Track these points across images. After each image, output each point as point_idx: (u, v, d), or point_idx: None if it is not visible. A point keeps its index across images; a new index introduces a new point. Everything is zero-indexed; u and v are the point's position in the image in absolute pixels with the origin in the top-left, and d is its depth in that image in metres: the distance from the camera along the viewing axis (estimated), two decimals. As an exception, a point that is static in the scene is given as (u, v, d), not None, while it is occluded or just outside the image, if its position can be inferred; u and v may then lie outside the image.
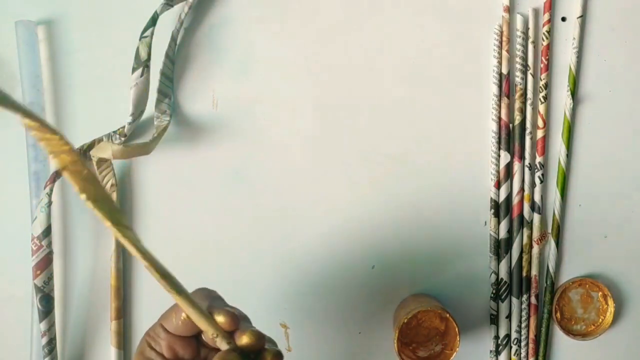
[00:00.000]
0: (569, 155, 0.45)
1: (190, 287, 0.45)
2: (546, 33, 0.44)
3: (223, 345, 0.28)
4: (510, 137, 0.45)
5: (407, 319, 0.39)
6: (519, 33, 0.44)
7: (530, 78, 0.44)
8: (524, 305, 0.45)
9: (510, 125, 0.45)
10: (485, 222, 0.45)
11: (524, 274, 0.45)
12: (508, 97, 0.44)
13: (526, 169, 0.45)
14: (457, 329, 0.39)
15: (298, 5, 0.44)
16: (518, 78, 0.44)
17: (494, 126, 0.44)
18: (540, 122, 0.45)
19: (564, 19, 0.45)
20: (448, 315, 0.40)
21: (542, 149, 0.45)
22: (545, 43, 0.44)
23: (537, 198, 0.45)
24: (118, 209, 0.25)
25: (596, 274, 0.46)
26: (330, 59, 0.43)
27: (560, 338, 0.46)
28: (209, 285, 0.45)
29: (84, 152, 0.41)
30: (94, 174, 0.25)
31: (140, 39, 0.41)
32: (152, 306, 0.45)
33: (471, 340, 0.46)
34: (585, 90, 0.45)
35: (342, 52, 0.44)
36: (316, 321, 0.45)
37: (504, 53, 0.44)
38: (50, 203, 0.41)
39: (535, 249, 0.45)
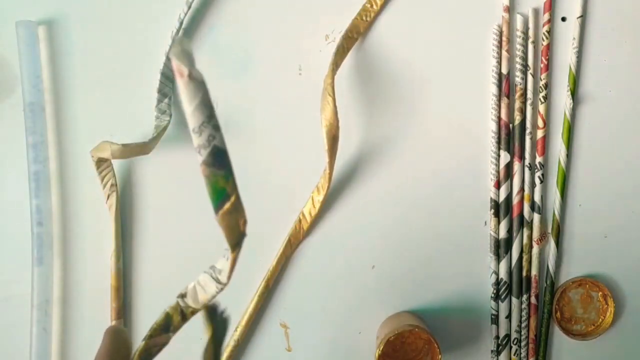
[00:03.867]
0: (569, 155, 0.45)
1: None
2: (546, 33, 0.44)
3: None
4: (510, 137, 0.45)
5: (385, 343, 0.40)
6: (519, 33, 0.44)
7: (530, 78, 0.44)
8: (524, 305, 0.45)
9: (510, 125, 0.45)
10: (485, 222, 0.45)
11: (524, 274, 0.45)
12: (508, 97, 0.44)
13: (526, 169, 0.45)
14: (438, 350, 0.40)
15: (298, 6, 0.44)
16: (518, 78, 0.44)
17: (494, 126, 0.44)
18: (540, 122, 0.45)
19: (564, 19, 0.45)
20: (427, 335, 0.40)
21: (542, 149, 0.45)
22: (545, 43, 0.44)
23: (537, 198, 0.45)
24: None
25: (596, 274, 0.46)
26: (329, 59, 0.43)
27: (560, 338, 0.46)
28: (209, 285, 0.45)
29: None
30: None
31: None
32: (152, 306, 0.45)
33: (471, 340, 0.46)
34: (585, 90, 0.45)
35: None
36: (316, 321, 0.45)
37: (504, 53, 0.44)
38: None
39: (535, 249, 0.45)
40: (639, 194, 0.46)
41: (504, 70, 0.44)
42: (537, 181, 0.45)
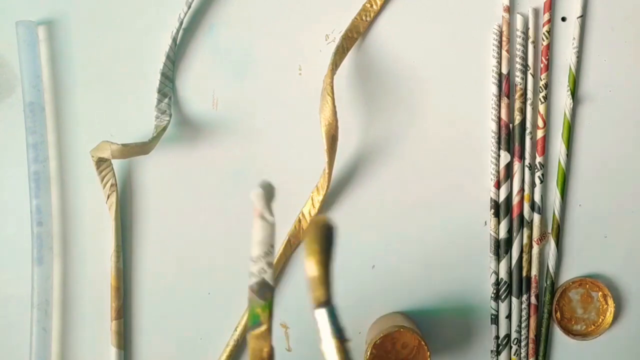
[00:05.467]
0: (569, 155, 0.45)
1: (188, 288, 0.45)
2: (546, 33, 0.44)
3: None
4: (510, 137, 0.45)
5: (373, 346, 0.40)
6: (519, 33, 0.44)
7: (530, 78, 0.44)
8: (524, 305, 0.45)
9: (510, 125, 0.45)
10: (485, 222, 0.45)
11: (524, 274, 0.45)
12: (508, 97, 0.44)
13: (526, 169, 0.45)
14: (426, 348, 0.40)
15: (298, 6, 0.44)
16: (518, 78, 0.44)
17: (494, 126, 0.44)
18: (540, 122, 0.45)
19: (564, 19, 0.45)
20: (412, 333, 0.40)
21: (542, 149, 0.45)
22: (545, 43, 0.44)
23: (537, 198, 0.45)
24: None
25: (596, 274, 0.46)
26: (329, 59, 0.43)
27: (560, 338, 0.46)
28: (209, 285, 0.45)
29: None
30: None
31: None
32: (152, 306, 0.45)
33: (471, 340, 0.46)
34: (585, 90, 0.45)
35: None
36: (314, 320, 0.45)
37: (504, 53, 0.44)
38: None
39: (535, 249, 0.45)
40: (639, 194, 0.46)
41: (504, 70, 0.44)
42: (537, 181, 0.45)
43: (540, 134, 0.45)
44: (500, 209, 0.45)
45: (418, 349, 0.41)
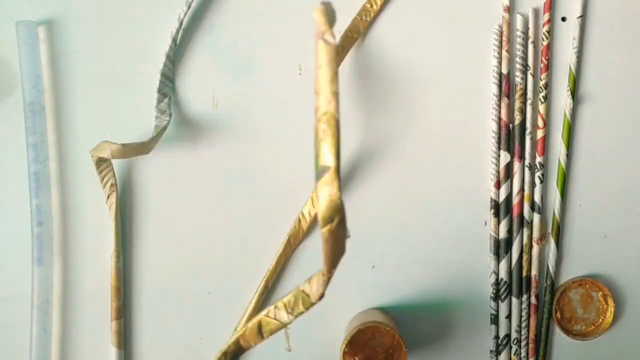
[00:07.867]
0: (569, 155, 0.45)
1: (188, 288, 0.45)
2: (546, 33, 0.44)
3: None
4: (510, 137, 0.45)
5: (351, 337, 0.40)
6: (519, 33, 0.44)
7: (530, 78, 0.44)
8: (524, 305, 0.45)
9: (510, 125, 0.45)
10: (485, 222, 0.45)
11: (524, 274, 0.45)
12: (508, 97, 0.44)
13: (526, 169, 0.45)
14: (404, 347, 0.39)
15: (298, 6, 0.44)
16: (518, 78, 0.44)
17: (494, 126, 0.45)
18: (540, 122, 0.45)
19: (564, 19, 0.45)
20: (389, 330, 0.39)
21: (542, 149, 0.45)
22: (545, 43, 0.44)
23: (537, 198, 0.45)
24: None
25: (596, 274, 0.46)
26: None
27: (560, 338, 0.46)
28: (209, 285, 0.45)
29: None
30: None
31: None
32: (152, 306, 0.45)
33: (471, 340, 0.46)
34: (585, 90, 0.45)
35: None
36: (316, 321, 0.45)
37: (504, 53, 0.44)
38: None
39: (535, 249, 0.45)
40: (639, 194, 0.46)
41: (504, 70, 0.44)
42: (537, 181, 0.45)
43: (540, 134, 0.45)
44: (500, 209, 0.45)
45: (396, 347, 0.40)
